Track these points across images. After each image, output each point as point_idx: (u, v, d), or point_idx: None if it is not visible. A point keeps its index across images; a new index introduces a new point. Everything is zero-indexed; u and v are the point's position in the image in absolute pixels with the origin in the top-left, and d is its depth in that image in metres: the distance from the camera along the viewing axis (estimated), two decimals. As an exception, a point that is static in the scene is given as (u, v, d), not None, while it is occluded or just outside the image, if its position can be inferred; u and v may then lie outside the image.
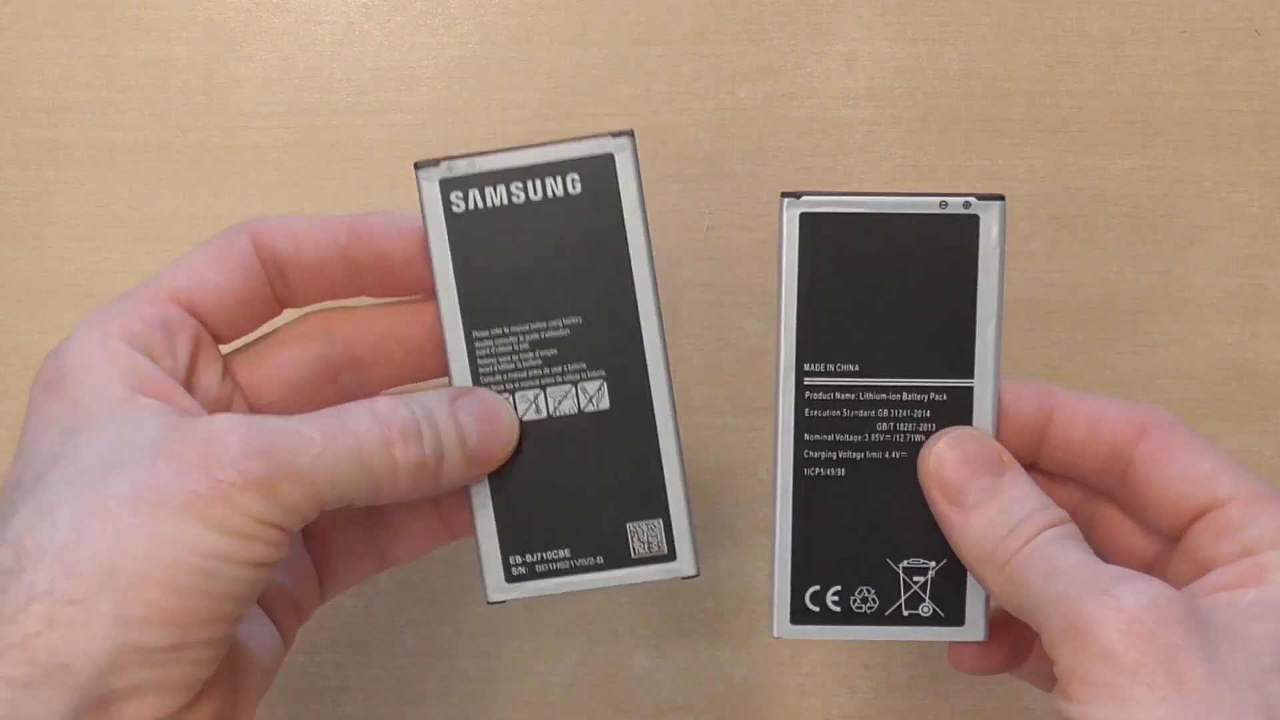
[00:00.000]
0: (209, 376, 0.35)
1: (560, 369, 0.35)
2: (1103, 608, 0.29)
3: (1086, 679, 0.29)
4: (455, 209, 0.35)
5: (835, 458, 0.35)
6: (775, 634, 0.35)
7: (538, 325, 0.35)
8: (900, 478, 0.35)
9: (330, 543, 0.38)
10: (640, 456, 0.35)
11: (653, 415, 0.35)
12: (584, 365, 0.35)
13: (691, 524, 0.35)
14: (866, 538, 0.35)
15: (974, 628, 0.35)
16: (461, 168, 0.35)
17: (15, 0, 0.48)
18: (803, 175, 0.48)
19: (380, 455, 0.32)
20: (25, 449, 0.32)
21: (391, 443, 0.32)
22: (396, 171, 0.48)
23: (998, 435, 0.35)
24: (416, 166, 0.35)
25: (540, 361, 0.35)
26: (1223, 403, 0.47)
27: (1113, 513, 0.36)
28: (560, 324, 0.35)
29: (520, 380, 0.35)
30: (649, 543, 0.35)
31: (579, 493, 0.35)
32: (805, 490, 0.35)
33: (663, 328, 0.35)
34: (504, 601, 0.35)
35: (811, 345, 0.35)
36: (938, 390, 0.35)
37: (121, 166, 0.48)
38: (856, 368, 0.35)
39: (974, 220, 0.35)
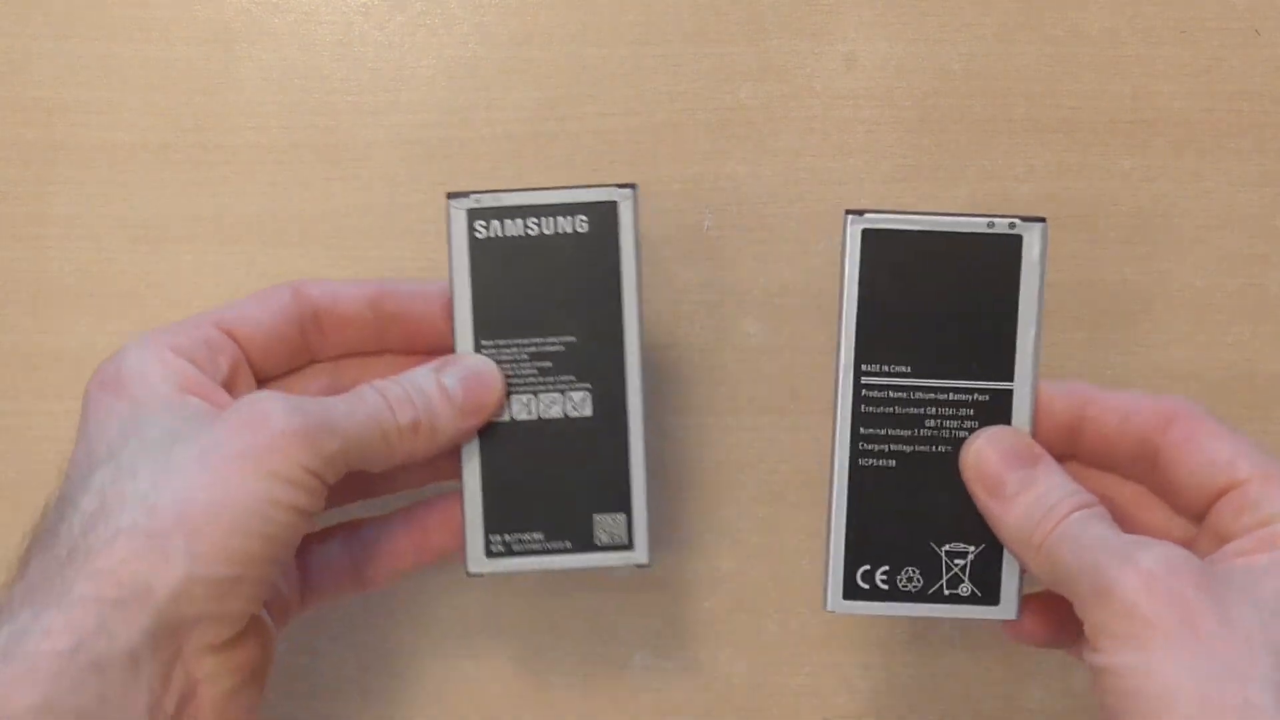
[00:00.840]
0: (244, 389, 0.39)
1: (553, 379, 0.40)
2: (1123, 570, 0.33)
3: (1111, 632, 0.33)
4: (478, 235, 0.40)
5: (887, 450, 0.39)
6: (828, 608, 0.39)
7: (537, 340, 0.40)
8: (945, 469, 0.39)
9: (311, 553, 0.42)
10: (612, 459, 0.40)
11: (627, 426, 0.40)
12: (573, 377, 0.40)
13: (649, 520, 0.40)
14: (913, 523, 0.39)
15: (1007, 607, 0.39)
16: (487, 200, 0.40)
17: (15, 0, 0.48)
18: (803, 175, 0.48)
19: (388, 417, 0.38)
20: (89, 435, 0.36)
21: (392, 408, 0.38)
22: (397, 172, 0.48)
23: (1035, 433, 0.38)
24: (449, 196, 0.40)
25: (536, 371, 0.40)
26: (1223, 403, 0.47)
27: (1145, 498, 0.39)
28: (557, 341, 0.40)
29: (517, 385, 0.40)
30: (612, 533, 0.41)
31: (556, 485, 0.40)
32: (859, 479, 0.39)
33: (643, 353, 0.40)
34: (482, 574, 0.40)
35: (869, 348, 0.39)
36: (981, 391, 0.39)
37: (121, 166, 0.48)
38: (909, 369, 0.39)
39: (1017, 240, 0.38)
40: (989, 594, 0.39)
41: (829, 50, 0.48)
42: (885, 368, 0.39)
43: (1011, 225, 0.38)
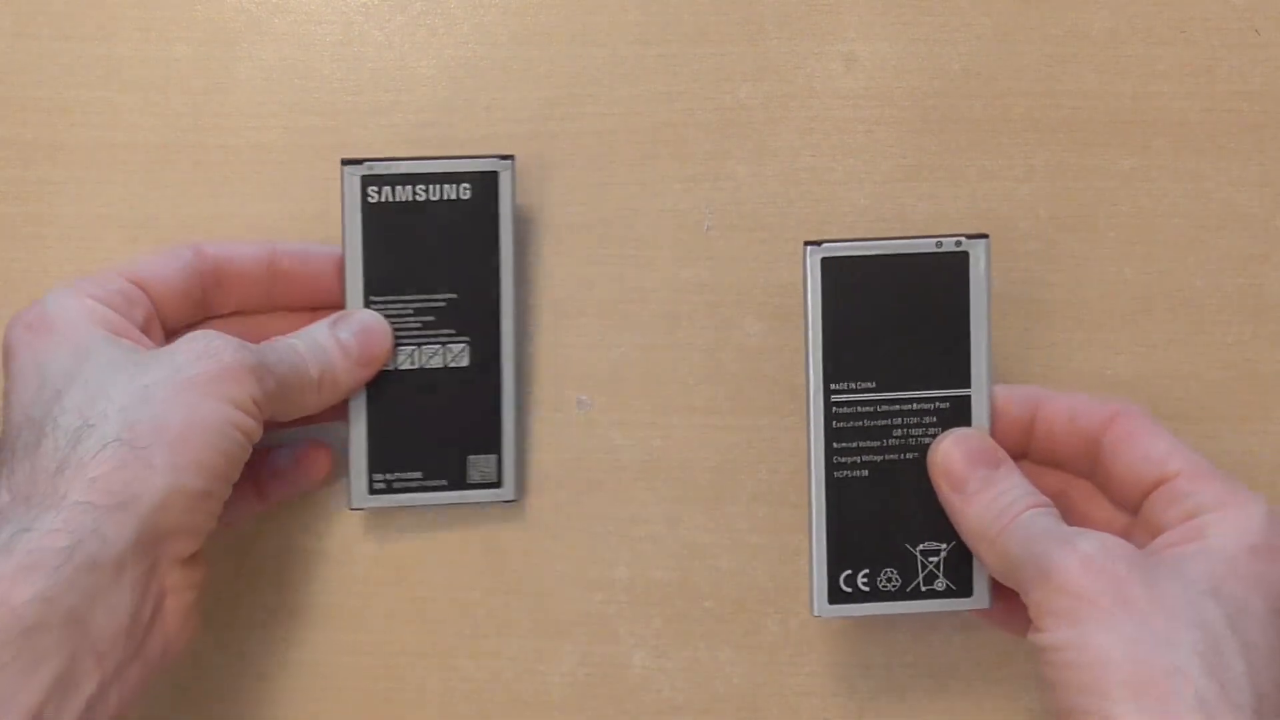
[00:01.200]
0: (156, 341, 0.42)
1: (434, 332, 0.44)
2: (1063, 553, 0.36)
3: (1052, 610, 0.36)
4: (370, 199, 0.44)
5: (860, 461, 0.41)
6: (815, 614, 0.42)
7: (421, 296, 0.44)
8: (914, 474, 0.41)
9: None
10: (485, 406, 0.45)
11: (500, 375, 0.45)
12: (453, 331, 0.44)
13: (516, 462, 0.45)
14: (888, 527, 0.42)
15: (980, 597, 0.42)
16: (379, 168, 0.44)
17: (16, 0, 0.48)
18: (803, 175, 0.48)
19: (305, 368, 0.41)
20: (37, 367, 0.38)
21: (305, 360, 0.41)
22: (396, 171, 0.48)
23: (993, 433, 0.41)
24: (343, 163, 0.43)
25: (420, 325, 0.44)
26: (1223, 403, 0.47)
27: (1091, 493, 0.42)
28: (439, 297, 0.44)
29: (403, 338, 0.44)
30: (484, 472, 0.45)
31: (434, 429, 0.44)
32: (836, 490, 0.41)
33: (517, 310, 0.45)
34: (364, 509, 0.45)
35: (836, 368, 0.41)
36: (942, 399, 0.41)
37: (121, 166, 0.48)
38: (874, 384, 0.41)
39: (964, 256, 0.41)
40: (963, 587, 0.42)
41: (829, 50, 0.48)
42: (852, 385, 0.41)
43: (958, 243, 0.41)
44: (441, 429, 0.44)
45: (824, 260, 0.41)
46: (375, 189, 0.43)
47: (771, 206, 0.48)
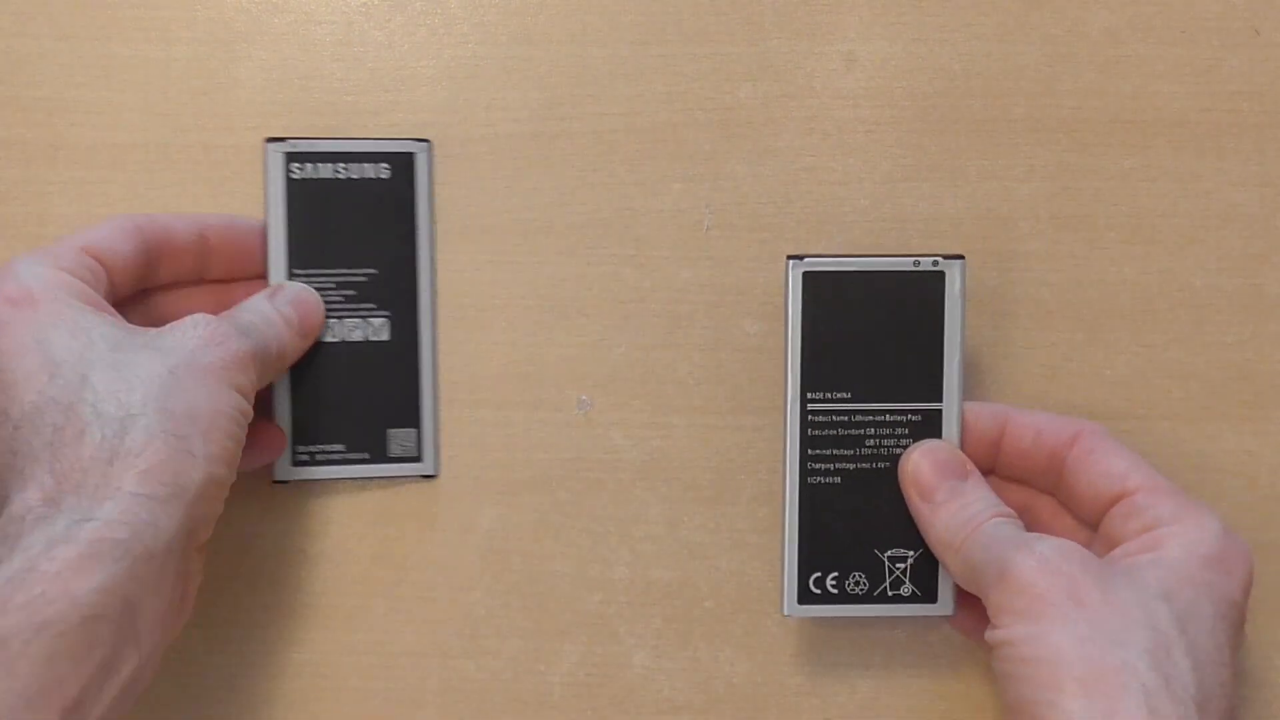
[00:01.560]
0: (110, 312, 0.42)
1: (355, 306, 0.45)
2: (1021, 555, 0.38)
3: (1010, 608, 0.38)
4: (293, 175, 0.45)
5: (833, 468, 0.43)
6: (785, 613, 0.43)
7: (343, 271, 0.45)
8: (885, 483, 0.43)
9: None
10: (405, 380, 0.46)
11: (419, 349, 0.46)
12: (374, 305, 0.46)
13: (436, 435, 0.46)
14: (858, 533, 0.43)
15: (945, 604, 0.43)
16: (302, 145, 0.45)
17: (16, 0, 0.48)
18: (803, 175, 0.48)
19: (270, 343, 0.42)
20: (23, 347, 0.38)
21: (268, 337, 0.42)
22: (396, 171, 0.48)
23: (962, 446, 0.43)
24: (267, 141, 0.45)
25: (342, 299, 0.45)
26: (1223, 403, 0.47)
27: (1056, 509, 0.44)
28: (360, 272, 0.45)
29: (325, 312, 0.45)
30: (404, 446, 0.46)
31: (356, 402, 0.45)
32: (809, 495, 0.43)
33: (434, 285, 0.46)
34: (287, 481, 0.45)
35: (813, 377, 0.43)
36: (914, 412, 0.43)
37: (121, 166, 0.48)
38: (849, 395, 0.43)
39: (940, 275, 0.43)
40: (928, 594, 0.43)
41: (829, 50, 0.48)
42: (828, 395, 0.43)
43: (935, 263, 0.42)
44: (363, 402, 0.45)
45: (805, 274, 0.42)
46: (298, 165, 0.45)
47: (771, 206, 0.48)
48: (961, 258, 0.42)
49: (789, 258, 0.43)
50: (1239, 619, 0.39)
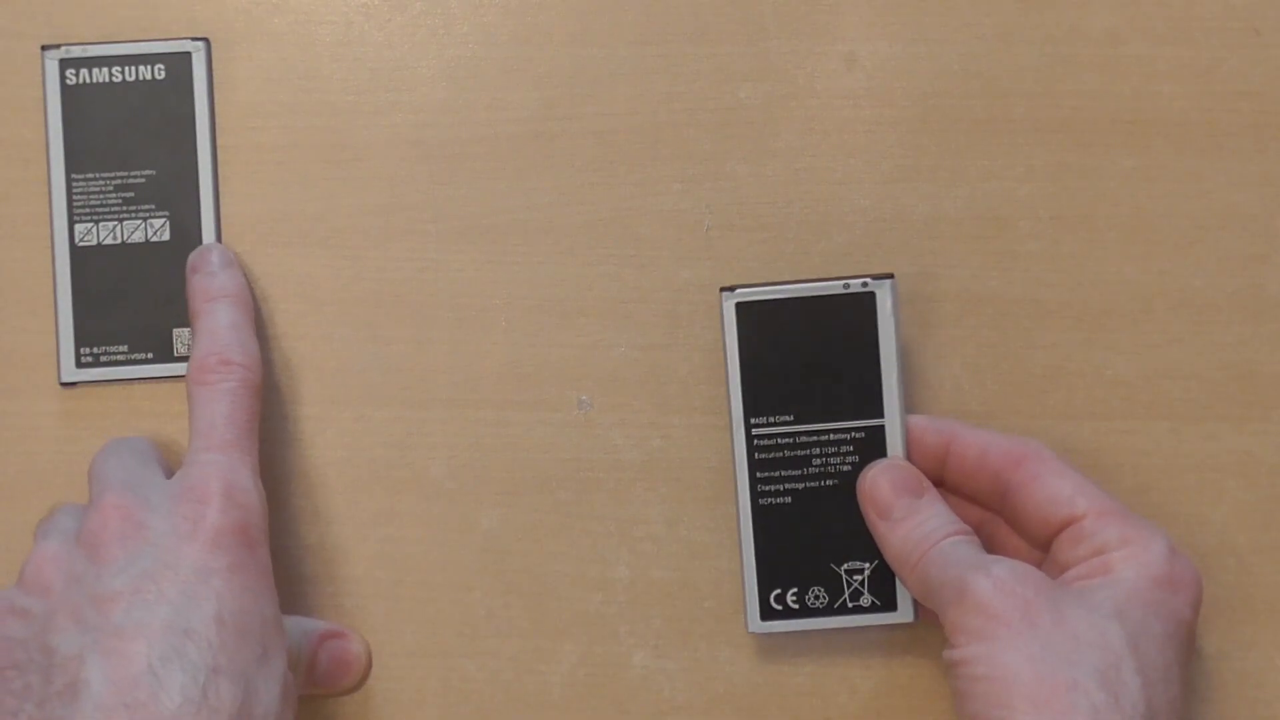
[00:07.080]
0: None
1: (135, 208, 0.46)
2: (977, 576, 0.39)
3: (966, 628, 0.39)
4: (69, 82, 0.46)
5: (782, 489, 0.44)
6: (750, 630, 0.44)
7: (122, 174, 0.46)
8: (835, 499, 0.44)
9: None
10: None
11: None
12: (153, 206, 0.46)
13: None
14: (813, 548, 0.44)
15: (905, 612, 0.44)
16: (76, 51, 0.47)
17: (16, 0, 0.48)
18: (803, 175, 0.48)
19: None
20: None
21: None
22: (397, 172, 0.48)
23: (908, 460, 0.44)
24: (43, 48, 0.47)
25: (121, 201, 0.46)
26: (1223, 403, 0.47)
27: (1006, 530, 0.44)
28: (139, 174, 0.46)
29: (104, 214, 0.46)
30: (189, 344, 0.46)
31: (139, 303, 0.46)
32: (762, 516, 0.44)
33: (216, 185, 0.47)
34: (74, 383, 0.46)
35: (755, 403, 0.44)
36: (857, 429, 0.44)
37: (121, 166, 0.48)
38: (792, 417, 0.44)
39: (871, 295, 0.43)
40: (887, 603, 0.44)
41: (829, 50, 0.48)
42: (771, 419, 0.44)
43: (864, 284, 0.43)
44: (146, 303, 0.46)
45: (738, 305, 0.44)
46: (73, 71, 0.46)
47: (771, 206, 0.48)
48: (891, 276, 0.43)
49: (722, 290, 0.44)
50: (1188, 637, 0.40)
